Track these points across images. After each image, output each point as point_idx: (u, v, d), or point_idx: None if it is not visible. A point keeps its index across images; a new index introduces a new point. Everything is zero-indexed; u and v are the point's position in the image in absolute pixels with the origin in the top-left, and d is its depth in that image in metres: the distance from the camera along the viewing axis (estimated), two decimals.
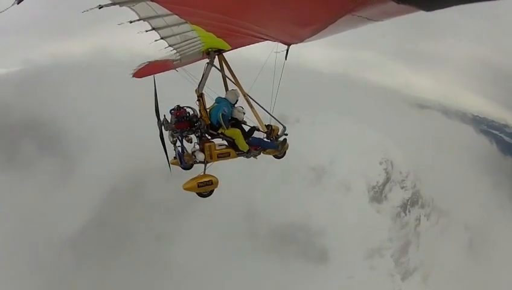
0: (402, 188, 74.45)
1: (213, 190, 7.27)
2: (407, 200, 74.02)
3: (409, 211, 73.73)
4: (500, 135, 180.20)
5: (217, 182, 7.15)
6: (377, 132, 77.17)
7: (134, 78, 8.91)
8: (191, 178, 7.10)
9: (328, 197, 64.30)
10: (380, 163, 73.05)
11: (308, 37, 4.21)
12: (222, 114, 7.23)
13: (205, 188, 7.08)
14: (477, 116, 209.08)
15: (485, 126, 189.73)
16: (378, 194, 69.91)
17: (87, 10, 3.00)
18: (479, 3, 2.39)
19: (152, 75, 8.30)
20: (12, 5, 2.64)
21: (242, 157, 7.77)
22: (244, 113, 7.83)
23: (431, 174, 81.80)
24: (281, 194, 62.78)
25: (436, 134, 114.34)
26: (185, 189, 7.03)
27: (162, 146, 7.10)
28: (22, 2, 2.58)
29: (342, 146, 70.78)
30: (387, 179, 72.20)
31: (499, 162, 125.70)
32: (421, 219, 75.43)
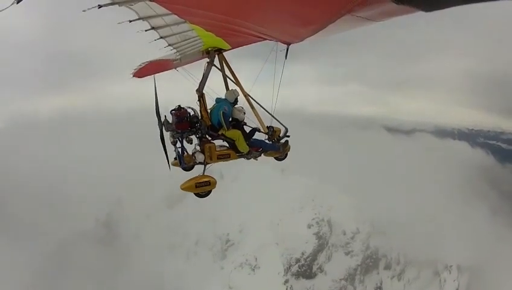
0: (347, 253, 58.89)
1: (211, 190, 7.22)
2: (355, 268, 57.63)
3: (361, 281, 57.79)
4: (497, 143, 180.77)
5: (215, 182, 7.12)
6: (318, 182, 63.68)
7: (135, 77, 8.89)
8: (189, 178, 7.09)
9: (229, 278, 53.31)
10: (309, 226, 58.69)
11: (308, 37, 4.21)
12: (223, 112, 7.23)
13: (203, 188, 7.05)
14: (473, 129, 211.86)
15: (482, 138, 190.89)
16: (306, 268, 54.96)
17: (87, 10, 2.99)
18: (480, 4, 2.38)
19: (147, 75, 8.29)
20: (12, 4, 2.63)
21: (242, 158, 7.73)
22: (244, 113, 7.81)
23: (407, 218, 65.99)
24: (187, 270, 55.48)
25: (423, 160, 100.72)
26: (182, 189, 7.00)
27: (162, 147, 7.07)
28: (21, 2, 2.58)
29: (261, 207, 59.15)
30: (322, 246, 57.41)
31: (498, 176, 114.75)
32: (383, 285, 59.07)
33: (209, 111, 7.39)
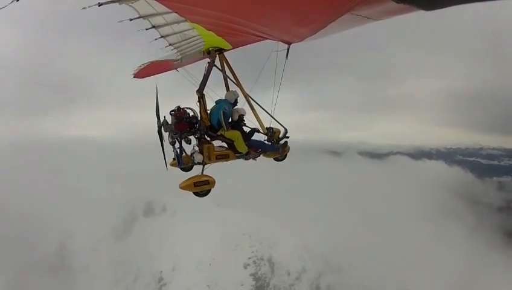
0: None
1: (209, 189, 7.23)
2: None
3: None
4: (476, 159, 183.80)
5: (214, 182, 7.12)
6: (259, 216, 59.45)
7: (136, 78, 8.91)
8: (187, 178, 7.09)
9: None
10: (246, 266, 53.64)
11: (309, 36, 4.20)
12: (223, 112, 7.23)
13: (201, 187, 7.05)
14: (451, 148, 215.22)
15: (460, 156, 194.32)
16: None
17: (87, 7, 2.98)
18: (480, 4, 2.38)
19: (148, 76, 8.31)
20: (12, 2, 2.63)
21: (241, 159, 7.70)
22: (244, 114, 7.80)
23: (371, 249, 58.87)
24: None
25: (395, 184, 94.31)
26: (181, 188, 7.00)
27: (160, 147, 7.06)
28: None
29: (194, 245, 55.79)
30: (260, 288, 52.09)
31: (477, 192, 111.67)
32: None
33: (208, 112, 7.37)
